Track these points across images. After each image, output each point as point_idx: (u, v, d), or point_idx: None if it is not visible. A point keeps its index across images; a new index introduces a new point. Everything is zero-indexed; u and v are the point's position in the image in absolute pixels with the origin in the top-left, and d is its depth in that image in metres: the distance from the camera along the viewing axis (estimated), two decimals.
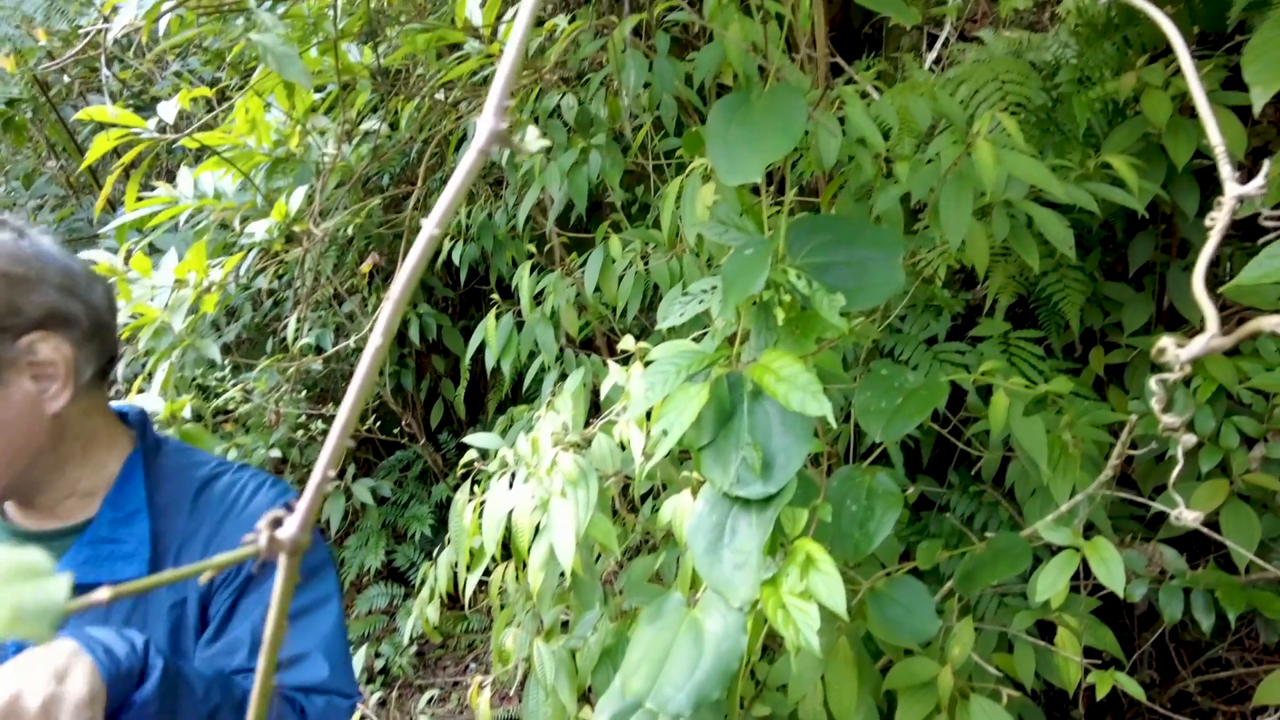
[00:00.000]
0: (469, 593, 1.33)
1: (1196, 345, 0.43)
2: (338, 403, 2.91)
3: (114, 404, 1.02)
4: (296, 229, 1.59)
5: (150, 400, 1.41)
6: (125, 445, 0.99)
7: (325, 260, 2.99)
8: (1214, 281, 2.00)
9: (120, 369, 1.76)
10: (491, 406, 3.38)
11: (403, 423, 3.01)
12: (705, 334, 1.31)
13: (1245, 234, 1.88)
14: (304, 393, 2.99)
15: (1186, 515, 0.50)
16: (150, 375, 1.54)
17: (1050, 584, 1.11)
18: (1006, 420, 1.38)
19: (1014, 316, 2.15)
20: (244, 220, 1.68)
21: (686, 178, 1.44)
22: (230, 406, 2.51)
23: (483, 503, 1.26)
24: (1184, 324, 1.89)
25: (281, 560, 0.34)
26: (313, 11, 1.48)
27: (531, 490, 1.16)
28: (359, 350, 2.82)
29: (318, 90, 2.28)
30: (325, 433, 2.88)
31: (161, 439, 1.04)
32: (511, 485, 1.23)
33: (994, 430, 1.39)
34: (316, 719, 0.98)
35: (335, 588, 1.07)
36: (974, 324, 2.00)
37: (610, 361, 1.34)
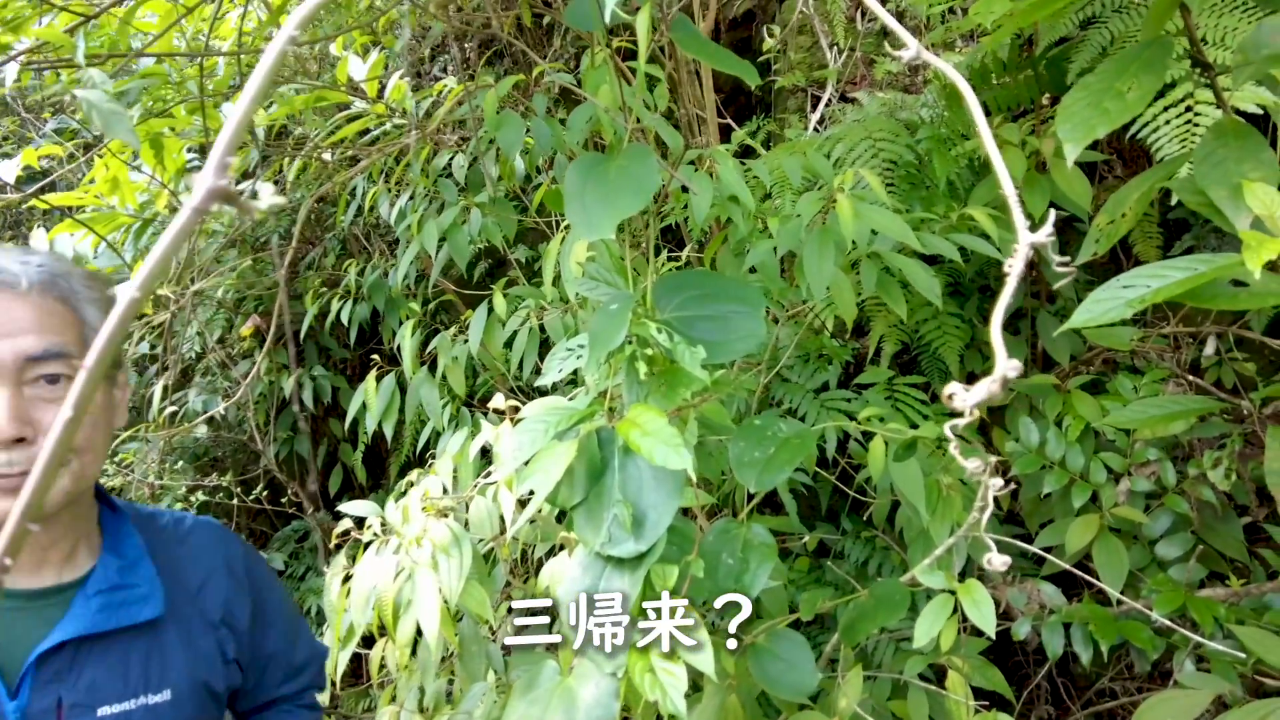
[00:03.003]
0: (339, 671, 1.25)
1: (979, 391, 0.44)
2: (224, 473, 2.76)
3: None
4: (161, 292, 1.51)
5: None
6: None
7: (212, 324, 2.87)
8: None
9: None
10: (394, 470, 3.26)
11: (289, 492, 2.87)
12: (582, 390, 1.30)
13: (1100, 277, 2.00)
14: (180, 463, 2.82)
15: (996, 560, 0.51)
16: None
17: (927, 629, 1.12)
18: (886, 465, 1.40)
19: (901, 363, 2.22)
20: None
21: (564, 235, 1.44)
22: (101, 480, 2.34)
23: (350, 576, 1.20)
24: (1055, 365, 1.98)
25: None
26: (178, 72, 1.44)
27: (398, 561, 1.11)
28: (244, 419, 2.70)
29: (200, 150, 2.21)
30: (206, 504, 2.71)
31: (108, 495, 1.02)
32: (380, 555, 1.18)
33: (875, 475, 1.42)
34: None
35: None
36: (863, 371, 2.05)
37: (484, 420, 1.31)
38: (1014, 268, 0.55)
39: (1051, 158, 1.76)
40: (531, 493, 1.00)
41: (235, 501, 2.71)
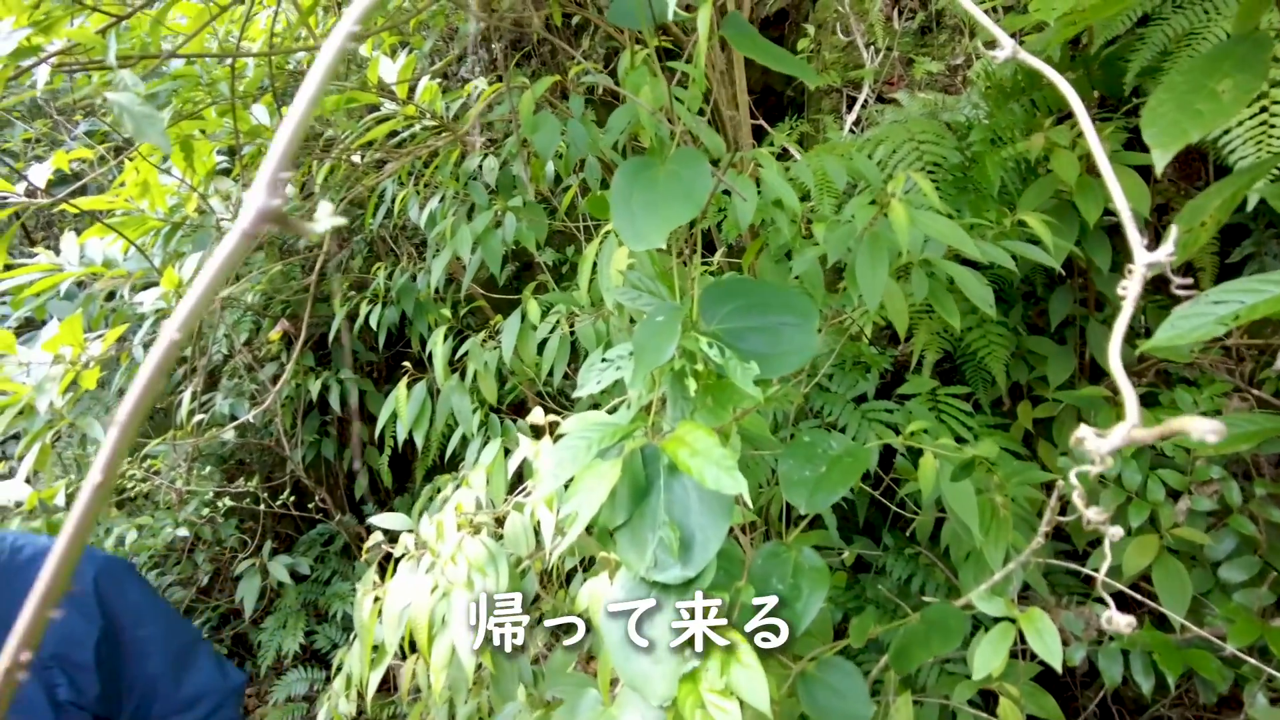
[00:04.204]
0: (370, 693, 1.21)
1: (1116, 437, 0.39)
2: (249, 477, 2.74)
3: None
4: None
5: (13, 487, 1.27)
6: None
7: (239, 327, 2.86)
8: (1129, 334, 2.04)
9: None
10: (419, 474, 3.24)
11: (316, 498, 2.85)
12: (623, 402, 1.25)
13: (1155, 287, 1.92)
14: (208, 469, 2.81)
15: (1119, 620, 0.46)
16: (20, 458, 1.40)
17: (987, 660, 1.06)
18: (936, 482, 1.34)
19: (942, 372, 2.15)
20: (134, 289, 1.56)
21: (602, 240, 1.39)
22: (129, 485, 2.33)
23: (383, 594, 1.16)
24: (1104, 377, 1.91)
25: None
26: (209, 73, 1.41)
27: (434, 580, 1.07)
28: (270, 422, 2.68)
29: (230, 153, 2.19)
30: (231, 510, 2.70)
31: None
32: (414, 572, 1.14)
33: (925, 493, 1.36)
34: None
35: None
36: (903, 380, 1.99)
37: (520, 435, 1.26)
38: (1130, 289, 0.50)
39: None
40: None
41: (262, 506, 2.70)
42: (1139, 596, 1.28)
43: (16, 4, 0.97)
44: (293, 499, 2.80)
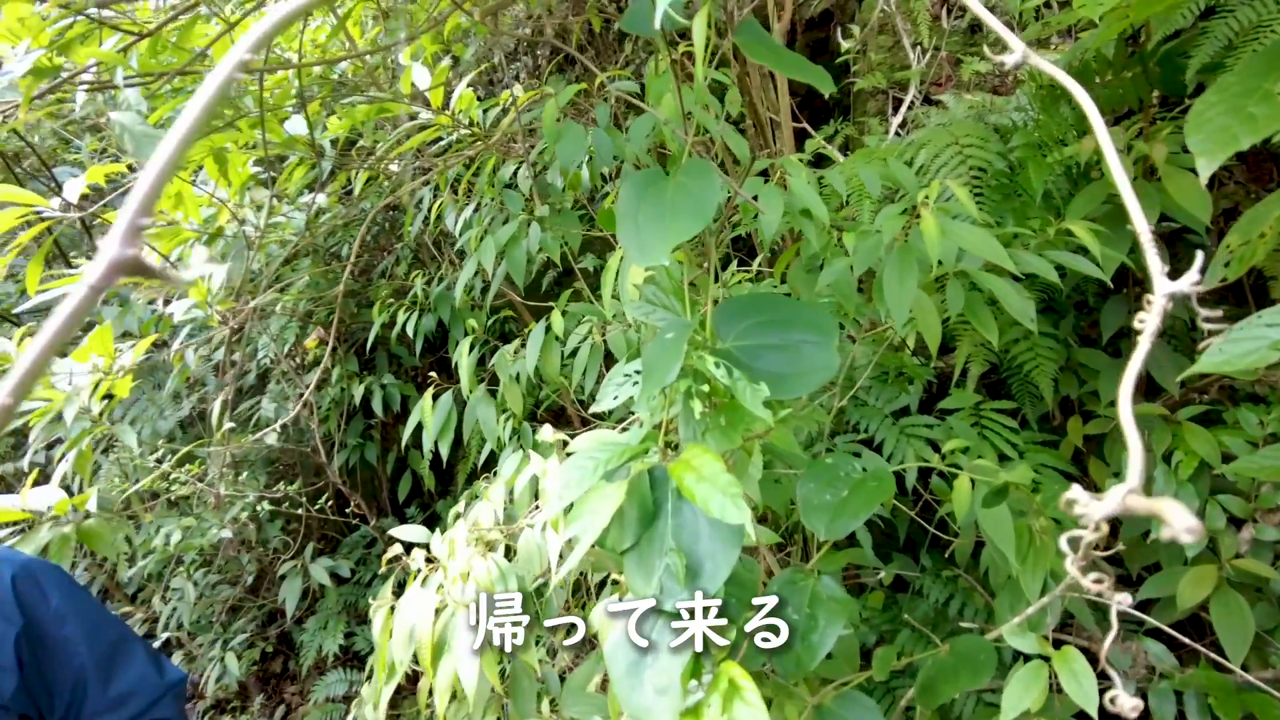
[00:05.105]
0: (383, 708, 1.20)
1: (1111, 501, 0.34)
2: (292, 481, 2.79)
3: None
4: (218, 308, 1.51)
5: (48, 493, 1.30)
6: None
7: (285, 332, 2.91)
8: (1189, 344, 1.92)
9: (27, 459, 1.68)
10: (461, 477, 3.26)
11: (353, 503, 2.88)
12: (635, 420, 1.22)
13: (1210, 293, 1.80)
14: (245, 475, 2.86)
15: (1125, 703, 0.41)
16: (58, 461, 1.44)
17: (1018, 699, 0.99)
18: (972, 506, 1.28)
19: (989, 384, 2.06)
20: (167, 299, 1.59)
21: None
22: (174, 487, 2.39)
23: (394, 609, 1.15)
24: (1161, 393, 1.80)
25: None
26: (237, 85, 1.43)
27: (440, 599, 1.05)
28: (309, 427, 2.72)
29: (273, 162, 2.23)
30: (276, 513, 2.74)
31: None
32: (424, 589, 1.12)
33: (959, 517, 1.29)
34: None
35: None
36: (946, 393, 1.91)
37: (533, 453, 1.24)
38: (1148, 324, 0.45)
39: (1163, 164, 1.59)
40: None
41: (302, 510, 2.74)
42: (1187, 640, 1.19)
43: (36, 24, 0.99)
44: (331, 504, 2.84)
